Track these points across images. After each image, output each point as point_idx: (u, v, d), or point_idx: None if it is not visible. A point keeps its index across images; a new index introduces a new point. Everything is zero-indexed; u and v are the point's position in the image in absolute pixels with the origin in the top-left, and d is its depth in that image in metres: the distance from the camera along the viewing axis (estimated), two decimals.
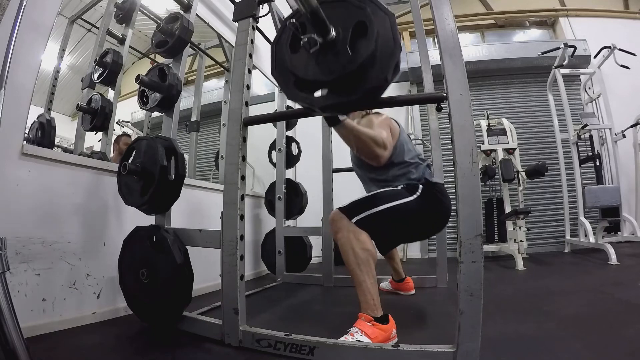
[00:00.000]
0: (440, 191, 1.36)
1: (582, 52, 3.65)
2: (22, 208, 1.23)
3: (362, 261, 1.16)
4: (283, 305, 1.76)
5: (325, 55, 0.88)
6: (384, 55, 0.83)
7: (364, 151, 1.28)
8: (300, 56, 0.92)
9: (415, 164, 1.41)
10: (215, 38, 2.80)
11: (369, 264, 1.17)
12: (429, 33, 2.31)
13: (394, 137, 1.39)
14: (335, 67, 0.86)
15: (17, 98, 1.23)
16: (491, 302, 1.42)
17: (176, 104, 1.51)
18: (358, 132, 1.21)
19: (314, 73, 0.89)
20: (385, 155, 1.30)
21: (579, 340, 1.06)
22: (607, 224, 2.87)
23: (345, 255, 1.19)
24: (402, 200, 1.27)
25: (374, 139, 1.25)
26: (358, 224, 1.19)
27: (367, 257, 1.17)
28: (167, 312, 1.25)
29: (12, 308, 0.76)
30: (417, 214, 1.29)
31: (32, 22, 1.30)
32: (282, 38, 0.97)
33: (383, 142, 1.28)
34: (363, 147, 1.25)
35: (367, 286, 1.15)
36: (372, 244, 1.21)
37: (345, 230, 1.19)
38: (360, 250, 1.16)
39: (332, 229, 1.25)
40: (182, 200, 1.39)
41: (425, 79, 2.17)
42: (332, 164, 2.30)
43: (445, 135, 1.29)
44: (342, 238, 1.19)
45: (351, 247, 1.17)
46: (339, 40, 0.87)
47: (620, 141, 3.24)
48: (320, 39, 0.86)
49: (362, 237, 1.18)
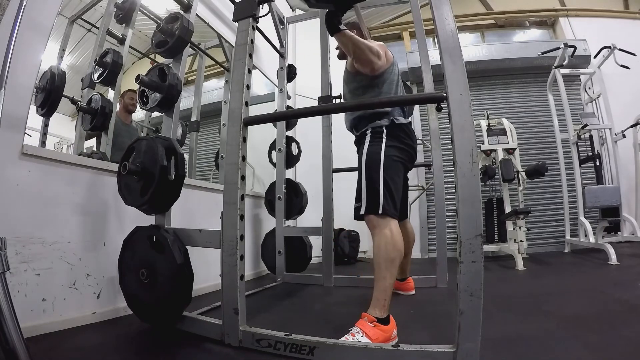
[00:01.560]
0: (404, 132, 1.45)
1: (582, 52, 3.65)
2: (22, 208, 1.23)
3: (390, 259, 1.23)
4: (283, 305, 1.76)
5: None
6: None
7: (359, 57, 1.37)
8: None
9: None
10: (215, 38, 2.79)
11: (395, 263, 1.24)
12: (429, 33, 2.31)
13: (388, 60, 1.48)
14: None
15: (17, 98, 1.23)
16: (491, 302, 1.43)
17: (176, 104, 1.51)
18: (356, 40, 1.33)
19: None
20: (378, 63, 1.40)
21: (579, 340, 1.06)
22: (607, 224, 2.87)
23: (377, 249, 1.26)
24: (381, 158, 1.37)
25: (370, 47, 1.36)
26: (385, 212, 1.28)
27: (396, 257, 1.24)
28: (167, 312, 1.25)
29: (12, 308, 0.76)
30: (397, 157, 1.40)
31: (32, 22, 1.30)
32: None
33: (377, 51, 1.39)
34: (359, 53, 1.35)
35: (385, 284, 1.20)
36: (402, 241, 1.29)
37: (380, 226, 1.28)
38: (392, 248, 1.24)
39: (369, 226, 1.33)
40: (182, 200, 1.39)
41: (425, 79, 2.17)
42: (332, 164, 2.30)
43: (445, 135, 1.30)
44: (378, 234, 1.28)
45: (385, 243, 1.25)
46: None
47: (620, 141, 3.24)
48: None
49: (395, 232, 1.27)
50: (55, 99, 1.61)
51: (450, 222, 1.91)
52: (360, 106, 1.44)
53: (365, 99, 1.49)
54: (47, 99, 1.58)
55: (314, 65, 2.48)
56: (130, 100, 2.40)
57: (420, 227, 3.81)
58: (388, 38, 4.63)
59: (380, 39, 4.30)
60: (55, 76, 1.60)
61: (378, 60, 1.40)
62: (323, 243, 2.26)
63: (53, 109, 1.62)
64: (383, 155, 1.37)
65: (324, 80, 2.34)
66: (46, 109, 1.59)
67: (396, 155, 1.39)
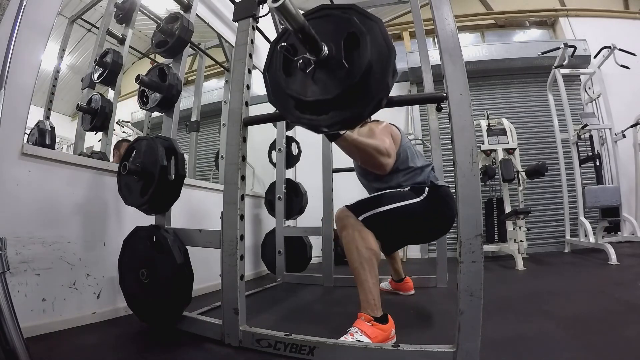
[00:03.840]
0: (447, 193, 1.36)
1: (582, 52, 3.65)
2: (22, 208, 1.23)
3: (365, 260, 1.16)
4: (283, 305, 1.76)
5: (321, 73, 0.86)
6: (381, 62, 0.83)
7: (368, 162, 1.27)
8: (296, 79, 0.90)
9: (420, 168, 1.42)
10: (215, 38, 2.80)
11: (372, 263, 1.17)
12: (429, 33, 2.31)
13: (396, 144, 1.39)
14: (335, 83, 0.84)
15: (17, 98, 1.23)
16: (491, 302, 1.42)
17: (176, 104, 1.51)
18: (360, 144, 1.20)
19: (314, 93, 0.86)
20: (390, 163, 1.28)
21: (579, 340, 1.06)
22: (607, 224, 2.87)
23: (349, 253, 1.19)
24: (409, 201, 1.27)
25: (377, 148, 1.23)
26: (364, 222, 1.19)
27: (371, 256, 1.17)
28: (167, 312, 1.25)
29: (12, 308, 0.76)
30: (423, 216, 1.29)
31: (32, 22, 1.29)
32: (273, 64, 0.95)
33: (386, 150, 1.26)
34: (367, 157, 1.24)
35: (368, 286, 1.15)
36: (377, 244, 1.20)
37: (351, 229, 1.19)
38: (364, 249, 1.16)
39: (338, 226, 1.25)
40: (182, 200, 1.39)
41: (425, 79, 2.17)
42: (332, 164, 2.30)
43: (445, 135, 1.29)
44: (348, 236, 1.19)
45: (356, 246, 1.17)
46: (332, 57, 0.85)
47: (620, 141, 3.24)
48: (313, 58, 0.85)
49: (368, 236, 1.18)
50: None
51: None
52: None
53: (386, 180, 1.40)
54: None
55: None
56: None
57: None
58: None
59: None
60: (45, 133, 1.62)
61: (389, 160, 1.26)
62: (323, 243, 2.25)
63: None
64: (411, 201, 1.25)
65: None
66: None
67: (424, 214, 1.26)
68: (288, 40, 0.92)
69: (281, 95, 0.93)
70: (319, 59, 0.85)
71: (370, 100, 0.84)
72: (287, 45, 0.90)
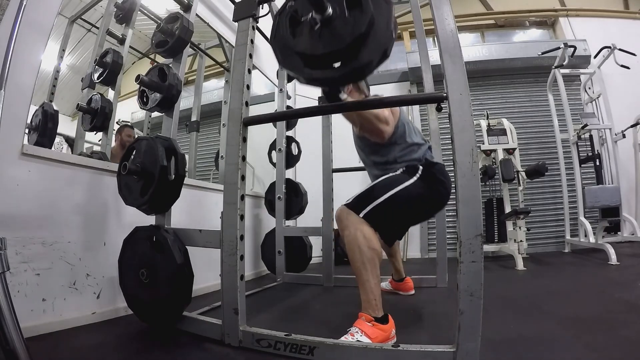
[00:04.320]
0: (440, 171, 1.38)
1: (582, 52, 3.64)
2: (22, 208, 1.23)
3: (367, 259, 1.16)
4: (283, 305, 1.76)
5: (327, 30, 0.92)
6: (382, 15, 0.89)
7: (367, 127, 1.31)
8: (304, 38, 0.95)
9: (417, 144, 1.43)
10: (215, 38, 2.80)
11: (374, 263, 1.17)
12: (429, 33, 2.31)
13: (395, 117, 1.42)
14: (343, 36, 0.89)
15: (17, 98, 1.23)
16: (491, 302, 1.42)
17: (176, 104, 1.51)
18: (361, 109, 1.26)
19: (324, 47, 0.91)
20: (387, 130, 1.33)
21: (579, 340, 1.06)
22: (607, 224, 2.87)
23: (351, 252, 1.18)
24: (402, 185, 1.28)
25: (376, 114, 1.29)
26: (366, 217, 1.20)
27: (373, 255, 1.17)
28: (167, 312, 1.25)
29: (12, 308, 0.76)
30: (421, 198, 1.31)
31: (32, 22, 1.30)
32: (280, 31, 1.00)
33: (385, 117, 1.31)
34: (366, 123, 1.29)
35: (370, 285, 1.15)
36: (379, 243, 1.21)
37: (353, 227, 1.19)
38: (366, 249, 1.16)
39: (340, 225, 1.25)
40: (182, 200, 1.39)
41: (425, 79, 2.16)
42: (332, 164, 2.30)
43: (445, 135, 1.30)
44: (350, 235, 1.19)
45: (358, 245, 1.16)
46: (336, 15, 0.91)
47: (620, 141, 3.24)
48: (319, 16, 0.90)
49: (370, 235, 1.18)
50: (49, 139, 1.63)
51: (450, 222, 1.91)
52: (362, 105, 1.42)
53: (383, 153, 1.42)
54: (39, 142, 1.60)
55: None
56: (127, 137, 2.39)
57: (420, 227, 3.81)
58: None
59: None
60: (48, 115, 1.61)
61: (387, 127, 1.31)
62: (323, 243, 2.26)
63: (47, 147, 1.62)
64: (405, 185, 1.27)
65: None
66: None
67: (421, 194, 1.27)
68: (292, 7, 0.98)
69: (290, 56, 0.97)
70: (324, 18, 0.90)
71: (378, 48, 0.88)
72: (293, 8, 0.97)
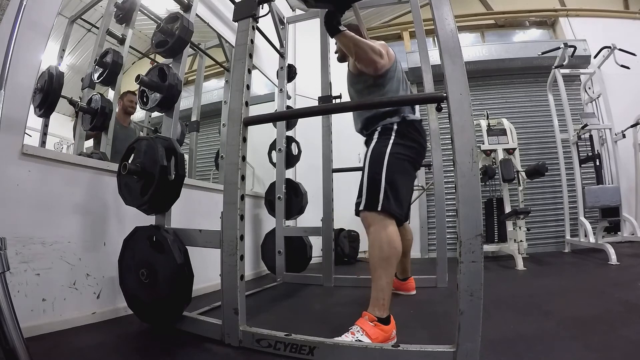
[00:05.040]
0: (415, 129, 1.42)
1: (582, 52, 3.64)
2: (22, 208, 1.23)
3: (386, 257, 1.20)
4: (283, 305, 1.76)
5: None
6: None
7: (362, 57, 1.34)
8: None
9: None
10: (215, 38, 2.79)
11: (391, 262, 1.21)
12: (429, 33, 2.31)
13: (391, 60, 1.45)
14: None
15: (17, 98, 1.23)
16: (491, 302, 1.42)
17: (176, 104, 1.51)
18: (357, 40, 1.31)
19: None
20: (382, 62, 1.37)
21: (579, 340, 1.06)
22: (607, 224, 2.87)
23: (372, 248, 1.23)
24: (387, 148, 1.34)
25: (371, 46, 1.34)
26: (384, 211, 1.24)
27: (392, 254, 1.21)
28: (167, 312, 1.25)
29: (12, 308, 0.76)
30: (406, 154, 1.36)
31: (32, 22, 1.30)
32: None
33: (379, 50, 1.37)
34: (361, 53, 1.33)
35: (382, 284, 1.18)
36: (400, 244, 1.25)
37: (378, 225, 1.24)
38: (387, 247, 1.21)
39: (365, 224, 1.30)
40: (182, 200, 1.39)
41: (425, 79, 2.17)
42: (332, 164, 2.30)
43: (445, 135, 1.30)
44: (374, 232, 1.24)
45: (379, 242, 1.21)
46: None
47: (620, 141, 3.24)
48: None
49: (393, 234, 1.23)
50: (54, 100, 1.60)
51: (450, 222, 1.91)
52: (362, 106, 1.44)
53: (369, 99, 1.47)
54: (45, 100, 1.56)
55: (314, 65, 2.48)
56: (129, 103, 2.39)
57: (420, 227, 3.81)
58: (388, 38, 4.63)
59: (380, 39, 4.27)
60: (54, 77, 1.59)
61: (381, 60, 1.37)
62: (323, 243, 2.26)
63: (51, 109, 1.61)
64: (388, 152, 1.33)
65: (324, 80, 2.34)
66: (44, 109, 1.59)
67: (402, 153, 1.34)
68: None
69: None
70: None
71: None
72: None
